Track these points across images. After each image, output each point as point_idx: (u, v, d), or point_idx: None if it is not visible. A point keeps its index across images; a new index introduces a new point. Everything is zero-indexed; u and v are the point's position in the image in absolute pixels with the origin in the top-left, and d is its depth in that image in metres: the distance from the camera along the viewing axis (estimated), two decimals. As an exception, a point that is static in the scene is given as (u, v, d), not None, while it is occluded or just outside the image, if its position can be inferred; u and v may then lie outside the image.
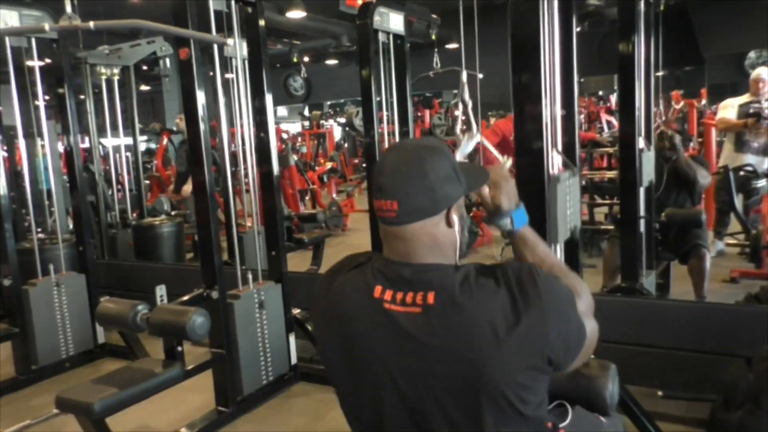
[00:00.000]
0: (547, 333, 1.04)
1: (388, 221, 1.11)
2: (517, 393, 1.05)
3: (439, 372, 1.06)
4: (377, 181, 1.11)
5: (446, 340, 1.05)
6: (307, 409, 2.85)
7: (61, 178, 4.58)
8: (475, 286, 1.06)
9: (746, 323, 2.62)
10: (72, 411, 2.16)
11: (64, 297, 3.41)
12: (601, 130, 9.11)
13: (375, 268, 1.14)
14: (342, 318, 1.15)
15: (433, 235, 1.10)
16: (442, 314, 1.05)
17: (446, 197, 1.10)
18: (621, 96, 3.30)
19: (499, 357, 1.03)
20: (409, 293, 1.08)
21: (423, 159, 1.09)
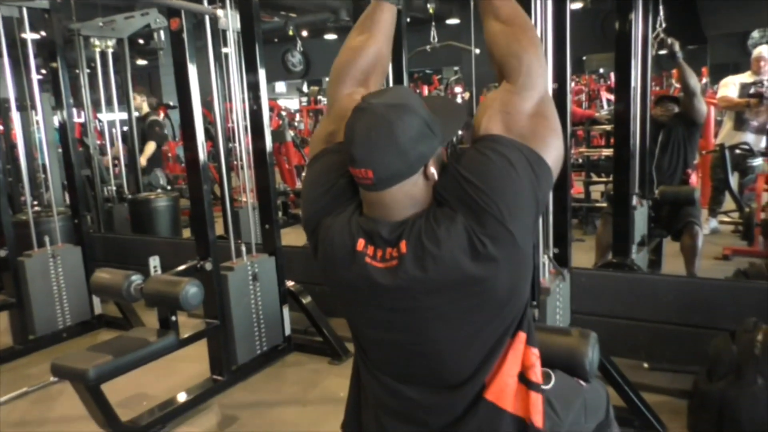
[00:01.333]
0: (515, 224, 1.05)
1: (365, 187, 1.12)
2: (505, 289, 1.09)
3: (426, 304, 1.10)
4: (349, 151, 1.10)
5: (427, 273, 1.07)
6: (301, 378, 2.90)
7: (56, 152, 4.58)
8: (435, 226, 1.06)
9: (733, 298, 2.65)
10: (67, 377, 2.21)
11: (60, 268, 3.44)
12: (601, 108, 9.09)
13: (358, 223, 1.15)
14: (331, 263, 1.18)
15: (412, 193, 1.10)
16: (415, 259, 1.07)
17: (421, 156, 1.08)
18: (618, 74, 3.29)
19: (477, 278, 1.06)
20: (387, 249, 1.10)
21: (392, 122, 1.05)
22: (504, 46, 1.17)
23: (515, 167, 1.06)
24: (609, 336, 2.54)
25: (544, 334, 1.48)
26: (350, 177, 1.16)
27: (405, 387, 1.20)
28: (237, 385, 2.84)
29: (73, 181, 3.62)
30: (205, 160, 2.80)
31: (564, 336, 1.49)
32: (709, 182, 5.09)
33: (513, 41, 1.16)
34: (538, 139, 1.10)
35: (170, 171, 7.61)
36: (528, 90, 1.13)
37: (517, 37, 1.17)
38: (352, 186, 1.18)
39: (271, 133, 3.14)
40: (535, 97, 1.13)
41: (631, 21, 3.12)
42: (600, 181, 5.74)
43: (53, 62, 3.49)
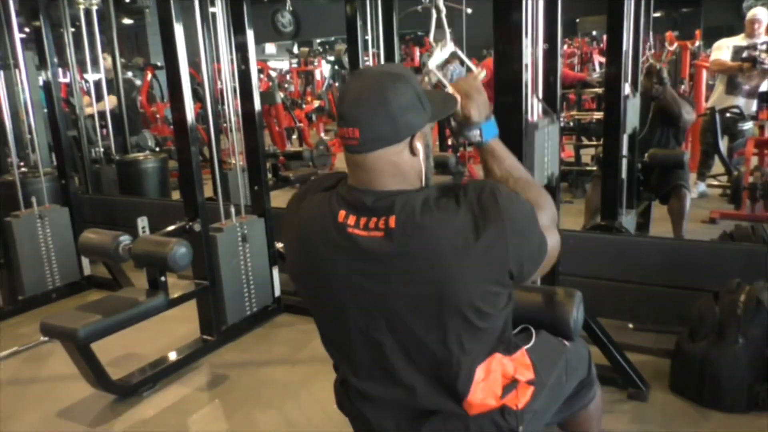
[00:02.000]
0: (507, 249, 1.07)
1: (351, 149, 1.11)
2: (478, 309, 1.09)
3: (402, 292, 1.09)
4: (340, 108, 1.11)
5: (408, 261, 1.07)
6: (290, 338, 2.93)
7: (42, 112, 4.51)
8: (435, 207, 1.07)
9: (718, 260, 2.69)
10: (57, 337, 2.22)
11: (48, 229, 3.42)
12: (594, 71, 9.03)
13: (339, 195, 1.15)
14: (308, 241, 1.17)
15: (396, 163, 1.11)
16: (403, 236, 1.07)
17: (408, 125, 1.09)
18: (609, 36, 3.25)
19: (459, 274, 1.06)
20: (372, 218, 1.10)
21: (385, 86, 1.08)
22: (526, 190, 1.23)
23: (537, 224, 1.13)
24: (595, 297, 2.56)
25: (530, 293, 1.50)
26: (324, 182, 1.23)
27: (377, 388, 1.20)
28: (227, 345, 2.87)
29: (59, 142, 3.58)
30: (193, 121, 2.77)
31: (549, 295, 1.50)
32: (699, 146, 5.10)
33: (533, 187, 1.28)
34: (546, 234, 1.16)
35: (158, 132, 7.53)
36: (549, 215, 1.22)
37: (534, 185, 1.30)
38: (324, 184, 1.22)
39: (260, 94, 3.10)
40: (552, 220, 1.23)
41: (624, -18, 3.07)
42: (590, 144, 5.72)
43: (35, 21, 3.41)
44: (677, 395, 2.27)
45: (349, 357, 1.23)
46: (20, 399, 2.52)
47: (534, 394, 1.23)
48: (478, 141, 1.33)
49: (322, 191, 1.21)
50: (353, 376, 1.23)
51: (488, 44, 1.08)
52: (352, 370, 1.23)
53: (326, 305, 1.22)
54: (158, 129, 7.87)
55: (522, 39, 1.98)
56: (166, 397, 2.47)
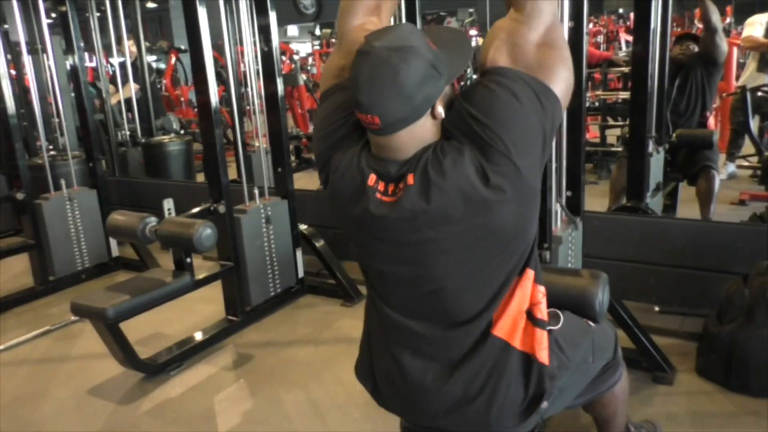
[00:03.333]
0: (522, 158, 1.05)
1: (373, 132, 1.11)
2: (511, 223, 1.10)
3: (433, 236, 1.10)
4: (354, 96, 1.08)
5: (431, 207, 1.07)
6: (313, 319, 2.96)
7: (69, 96, 4.57)
8: (442, 157, 1.06)
9: (746, 241, 2.63)
10: (87, 316, 2.27)
11: (77, 211, 3.49)
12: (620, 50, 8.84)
13: (368, 159, 1.15)
14: (341, 197, 1.18)
15: (419, 135, 1.10)
16: (420, 190, 1.07)
17: (427, 98, 1.06)
18: (637, 14, 3.17)
19: (486, 208, 1.06)
20: (398, 184, 1.11)
21: (395, 67, 1.03)
22: None
23: (520, 100, 1.05)
24: (620, 279, 2.55)
25: (555, 275, 1.49)
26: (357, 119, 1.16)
27: (412, 322, 1.22)
28: (251, 326, 2.91)
29: (86, 126, 3.64)
30: (217, 104, 2.78)
31: (574, 277, 1.49)
32: (728, 125, 4.98)
33: None
34: (545, 70, 1.08)
35: (183, 115, 7.58)
36: (535, 18, 1.10)
37: None
38: (359, 126, 1.18)
39: (283, 77, 3.10)
40: (543, 25, 1.10)
41: (653, -44, 2.99)
42: (616, 125, 5.63)
43: (62, 5, 3.44)
44: (703, 378, 2.24)
45: (385, 292, 1.25)
46: (52, 377, 2.59)
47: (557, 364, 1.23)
48: None
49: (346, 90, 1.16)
50: (389, 308, 1.24)
51: None
52: (388, 303, 1.25)
53: (361, 246, 1.24)
54: (182, 112, 7.93)
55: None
56: (192, 376, 2.51)
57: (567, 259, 2.20)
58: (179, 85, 8.58)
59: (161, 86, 8.09)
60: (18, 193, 3.36)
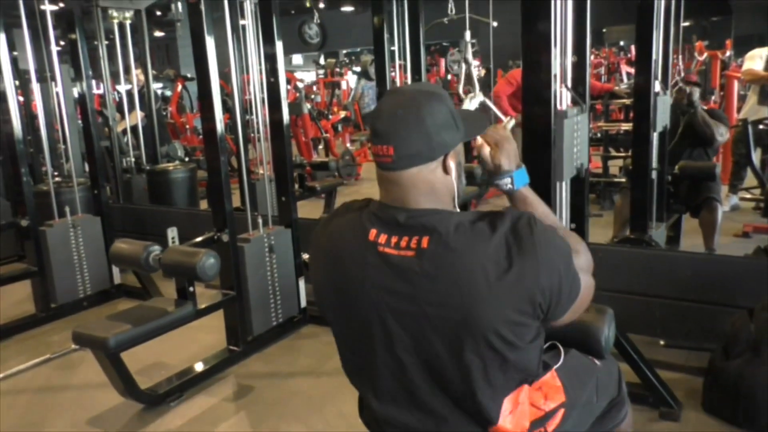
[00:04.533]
0: (539, 280, 1.04)
1: (384, 166, 1.11)
2: (505, 338, 1.06)
3: (430, 314, 1.07)
4: (374, 126, 1.11)
5: (437, 283, 1.06)
6: (315, 350, 2.94)
7: (76, 123, 4.62)
8: (470, 231, 1.06)
9: (751, 275, 2.62)
10: (88, 345, 2.26)
11: (81, 238, 3.50)
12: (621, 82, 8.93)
13: (371, 212, 1.15)
14: (337, 259, 1.17)
15: (430, 181, 1.10)
16: (435, 257, 1.06)
17: (443, 143, 1.09)
18: (639, 47, 3.22)
19: (488, 301, 1.04)
20: (404, 237, 1.09)
21: (420, 104, 1.08)
22: None
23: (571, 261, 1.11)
24: (625, 312, 2.53)
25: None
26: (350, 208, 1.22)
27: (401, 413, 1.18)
28: (253, 356, 2.89)
29: (92, 152, 3.66)
30: (223, 131, 2.81)
31: (579, 311, 1.48)
32: (731, 157, 5.00)
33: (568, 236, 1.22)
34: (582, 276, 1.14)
35: (187, 143, 7.64)
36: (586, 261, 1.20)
37: (568, 233, 1.26)
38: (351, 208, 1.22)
39: (287, 105, 3.13)
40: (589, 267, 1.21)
41: (653, -9, 3.04)
42: (618, 156, 5.65)
43: (72, 33, 3.50)
44: (711, 415, 2.21)
45: (372, 379, 1.20)
46: (51, 406, 2.56)
47: (564, 416, 1.21)
48: (509, 189, 1.31)
49: (352, 212, 1.21)
50: (375, 399, 1.20)
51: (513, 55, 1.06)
52: (375, 393, 1.21)
53: (352, 325, 1.20)
54: (187, 139, 8.00)
55: (551, 49, 1.97)
56: (192, 408, 2.49)
57: (572, 140, 2.14)
58: (184, 112, 8.67)
59: (167, 113, 8.17)
60: (22, 219, 3.37)
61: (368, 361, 1.19)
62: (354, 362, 1.25)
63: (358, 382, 1.27)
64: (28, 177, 3.41)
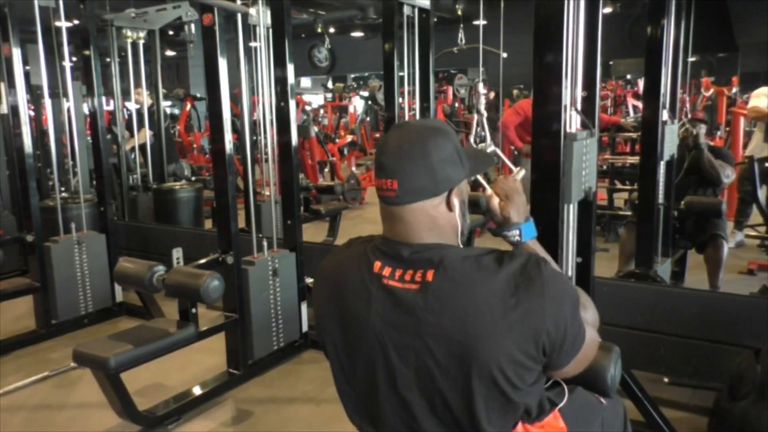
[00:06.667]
0: (544, 321, 1.04)
1: (388, 201, 1.11)
2: (507, 377, 1.05)
3: (433, 348, 1.06)
4: (379, 160, 1.12)
5: (442, 317, 1.05)
6: (316, 375, 2.91)
7: (85, 140, 4.66)
8: (476, 266, 1.06)
9: (758, 314, 2.60)
10: (88, 365, 2.24)
11: (85, 255, 3.49)
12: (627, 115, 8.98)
13: (375, 246, 1.15)
14: (342, 290, 1.17)
15: (433, 216, 1.10)
16: (439, 292, 1.06)
17: (447, 179, 1.10)
18: (647, 81, 3.25)
19: (492, 339, 1.03)
20: (408, 271, 1.09)
21: (426, 139, 1.09)
22: None
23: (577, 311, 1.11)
24: (629, 348, 2.49)
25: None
26: None
27: None
28: (252, 380, 2.86)
29: (101, 169, 3.67)
30: (231, 153, 2.82)
31: (586, 349, 1.47)
32: (736, 194, 5.00)
33: None
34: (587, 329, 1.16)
35: (194, 161, 7.68)
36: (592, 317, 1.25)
37: None
38: None
39: (296, 128, 3.15)
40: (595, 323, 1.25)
41: (662, 27, 3.07)
42: (624, 189, 5.66)
43: (86, 50, 3.54)
44: (715, 456, 2.17)
45: (372, 414, 1.19)
46: (48, 425, 2.54)
47: None
48: (517, 240, 1.32)
49: (357, 245, 1.21)
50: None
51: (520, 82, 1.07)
52: (376, 429, 1.19)
53: (354, 359, 1.18)
54: (194, 158, 8.04)
55: (561, 80, 1.98)
56: (190, 431, 2.45)
57: (581, 163, 2.11)
58: (192, 131, 8.73)
59: (175, 132, 8.24)
60: (28, 235, 3.37)
61: (370, 398, 1.17)
62: (354, 399, 1.23)
63: (358, 420, 1.25)
64: (35, 192, 3.43)
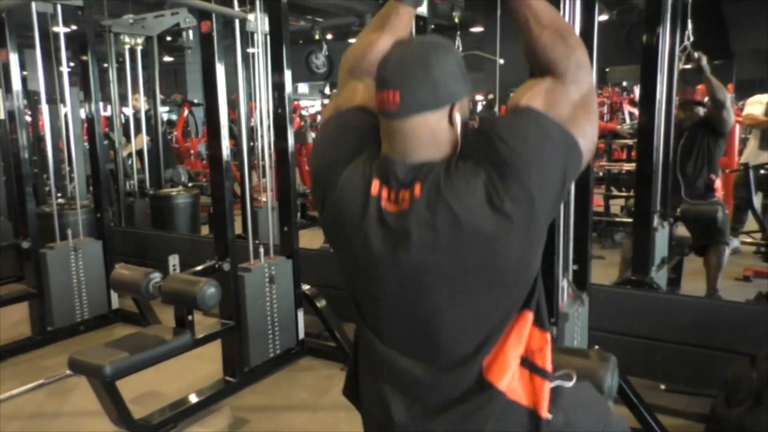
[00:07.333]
0: (534, 193, 1.03)
1: (389, 114, 1.09)
2: (516, 268, 1.07)
3: (434, 261, 1.07)
4: (380, 74, 1.10)
5: (434, 230, 1.05)
6: (312, 383, 2.90)
7: (82, 145, 4.65)
8: (455, 173, 1.05)
9: (753, 321, 2.60)
10: (84, 372, 2.23)
11: (81, 262, 3.48)
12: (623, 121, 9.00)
13: (372, 165, 1.14)
14: (342, 211, 1.15)
15: (434, 131, 1.09)
16: (427, 205, 1.05)
17: (450, 93, 1.08)
18: (643, 88, 3.26)
19: (491, 238, 1.03)
20: (401, 191, 1.09)
21: (429, 53, 1.08)
22: (551, 47, 1.15)
23: (550, 138, 1.06)
24: (626, 355, 2.49)
25: (562, 355, 1.46)
26: (364, 133, 1.17)
27: (403, 359, 1.16)
28: (249, 388, 2.85)
29: (98, 175, 3.66)
30: (229, 160, 2.82)
31: (582, 358, 1.47)
32: (732, 201, 5.01)
33: (559, 42, 1.15)
34: (576, 125, 1.09)
35: (191, 167, 7.68)
36: (576, 84, 1.12)
37: (563, 37, 1.16)
38: (366, 140, 1.18)
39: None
40: (583, 91, 1.13)
41: (658, 34, 3.10)
42: (620, 195, 5.68)
43: (84, 55, 3.53)
44: (712, 464, 2.18)
45: (376, 321, 1.19)
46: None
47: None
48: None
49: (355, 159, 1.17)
50: (378, 340, 1.18)
51: None
52: (378, 335, 1.19)
53: (358, 274, 1.19)
54: (191, 164, 8.03)
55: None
56: (186, 439, 2.45)
57: (573, 335, 2.17)
58: (190, 137, 8.72)
59: (172, 137, 8.23)
60: (24, 241, 3.36)
61: (373, 304, 1.18)
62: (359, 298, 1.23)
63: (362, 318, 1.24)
64: (32, 198, 3.42)
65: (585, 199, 2.32)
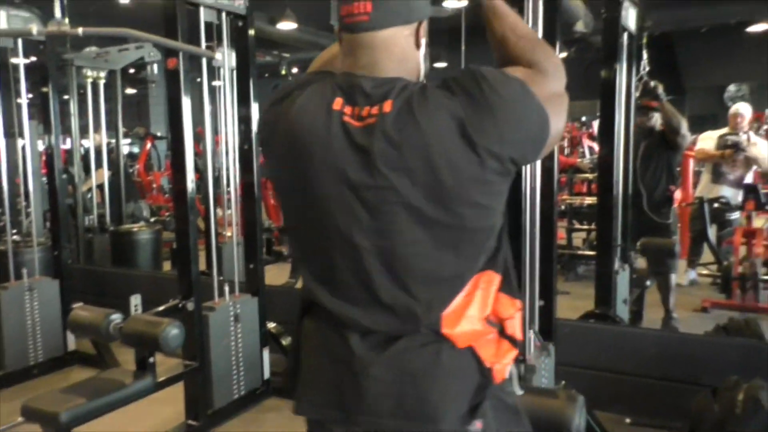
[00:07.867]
0: (503, 138, 1.01)
1: (359, 26, 1.06)
2: (477, 202, 1.03)
3: (395, 183, 1.02)
4: None
5: (400, 152, 1.01)
6: (278, 424, 2.83)
7: (40, 179, 4.53)
8: (430, 97, 1.02)
9: (714, 354, 2.67)
10: (38, 421, 2.14)
11: (36, 302, 3.36)
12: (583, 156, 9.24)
13: (335, 83, 1.09)
14: (296, 135, 1.08)
15: (403, 47, 1.08)
16: (397, 122, 1.01)
17: (419, 8, 1.09)
18: (602, 122, 3.36)
19: (456, 167, 1.00)
20: (366, 107, 1.04)
21: None
22: (530, 51, 1.15)
23: (531, 103, 1.04)
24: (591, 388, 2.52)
25: (530, 395, 1.47)
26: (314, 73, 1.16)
27: (355, 311, 1.07)
28: (212, 431, 2.77)
29: (56, 211, 3.56)
30: (194, 195, 2.77)
31: (550, 398, 1.48)
32: (688, 233, 5.16)
33: (537, 47, 1.17)
34: (551, 108, 1.07)
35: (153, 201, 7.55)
36: (557, 80, 1.13)
37: (540, 43, 1.19)
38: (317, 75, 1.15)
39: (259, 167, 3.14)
40: (560, 87, 1.13)
41: (615, 69, 3.20)
42: (582, 228, 5.79)
43: (44, 87, 3.46)
44: (678, 498, 2.19)
45: (327, 272, 1.10)
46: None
47: None
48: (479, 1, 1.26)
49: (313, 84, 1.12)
50: (328, 295, 1.10)
51: None
52: (329, 288, 1.10)
53: (310, 208, 1.10)
54: (153, 198, 7.90)
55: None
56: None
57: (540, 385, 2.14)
58: (152, 170, 8.60)
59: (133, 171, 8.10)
60: (-25, 281, 3.24)
61: (325, 251, 1.10)
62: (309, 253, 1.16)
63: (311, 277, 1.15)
64: (-15, 236, 3.31)
65: (549, 235, 2.35)
